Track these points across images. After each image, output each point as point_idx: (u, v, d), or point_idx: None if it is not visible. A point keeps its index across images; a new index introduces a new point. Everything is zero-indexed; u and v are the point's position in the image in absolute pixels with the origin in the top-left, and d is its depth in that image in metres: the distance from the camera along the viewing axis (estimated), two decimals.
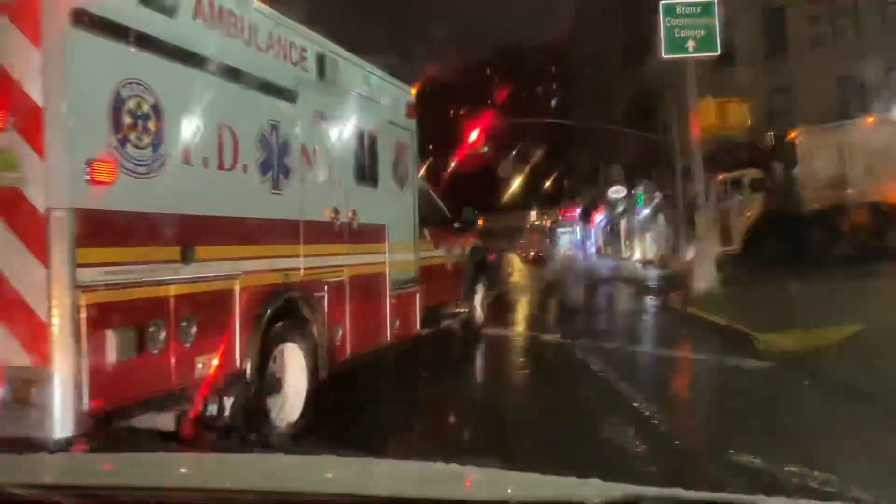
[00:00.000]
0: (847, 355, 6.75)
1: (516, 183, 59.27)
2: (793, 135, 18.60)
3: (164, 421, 4.12)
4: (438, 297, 8.36)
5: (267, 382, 4.82)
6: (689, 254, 17.41)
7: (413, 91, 7.83)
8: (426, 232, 8.00)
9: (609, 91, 40.91)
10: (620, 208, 41.24)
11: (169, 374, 3.95)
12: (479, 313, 10.17)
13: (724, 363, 7.67)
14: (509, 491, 1.57)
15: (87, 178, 3.53)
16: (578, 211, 58.46)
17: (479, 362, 8.42)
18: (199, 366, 4.16)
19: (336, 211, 5.85)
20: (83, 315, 3.47)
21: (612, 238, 47.84)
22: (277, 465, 1.90)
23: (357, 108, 6.36)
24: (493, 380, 7.70)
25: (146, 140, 3.90)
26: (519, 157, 55.18)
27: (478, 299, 10.17)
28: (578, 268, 38.43)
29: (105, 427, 3.68)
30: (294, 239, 5.24)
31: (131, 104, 3.81)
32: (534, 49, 69.46)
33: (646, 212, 34.43)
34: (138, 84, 3.85)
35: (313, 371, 5.26)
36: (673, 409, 6.03)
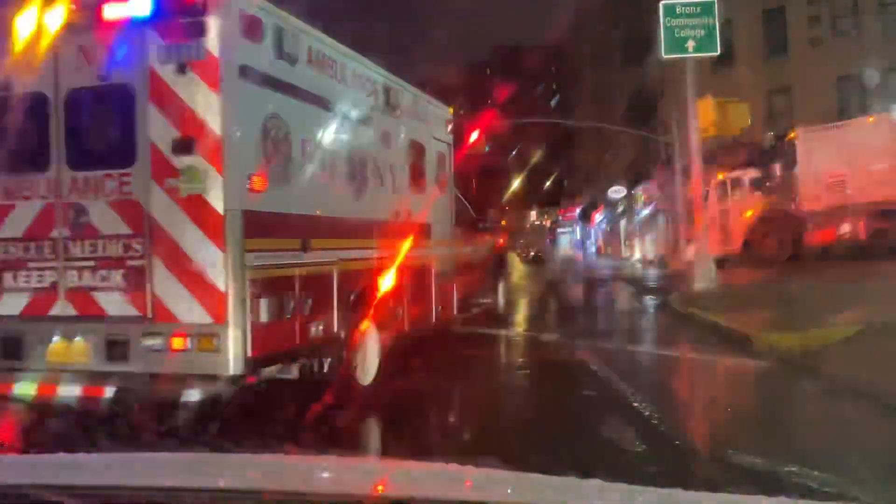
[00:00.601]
0: (847, 355, 6.75)
1: (516, 182, 59.15)
2: (793, 135, 18.60)
3: (291, 371, 5.34)
4: (470, 287, 9.75)
5: (353, 347, 5.99)
6: (689, 254, 17.42)
7: (451, 110, 9.26)
8: (458, 231, 9.29)
9: (609, 91, 40.90)
10: (620, 208, 41.23)
11: (294, 335, 5.21)
12: (501, 304, 11.75)
13: (724, 363, 7.67)
14: (509, 491, 1.57)
15: (249, 187, 4.76)
16: (578, 211, 58.41)
17: (478, 362, 8.41)
18: (312, 330, 5.39)
19: (396, 213, 7.12)
20: (248, 287, 4.67)
21: (612, 238, 47.82)
22: (277, 465, 1.90)
23: (411, 128, 7.74)
24: (492, 380, 7.69)
25: (281, 159, 5.16)
26: (519, 156, 55.07)
27: (500, 292, 11.67)
28: (578, 268, 38.40)
29: (259, 370, 4.92)
30: (369, 234, 6.46)
31: (272, 133, 5.08)
32: (533, 48, 69.35)
33: (646, 212, 34.41)
34: (276, 117, 5.12)
35: (384, 341, 6.49)
36: (673, 409, 6.03)
